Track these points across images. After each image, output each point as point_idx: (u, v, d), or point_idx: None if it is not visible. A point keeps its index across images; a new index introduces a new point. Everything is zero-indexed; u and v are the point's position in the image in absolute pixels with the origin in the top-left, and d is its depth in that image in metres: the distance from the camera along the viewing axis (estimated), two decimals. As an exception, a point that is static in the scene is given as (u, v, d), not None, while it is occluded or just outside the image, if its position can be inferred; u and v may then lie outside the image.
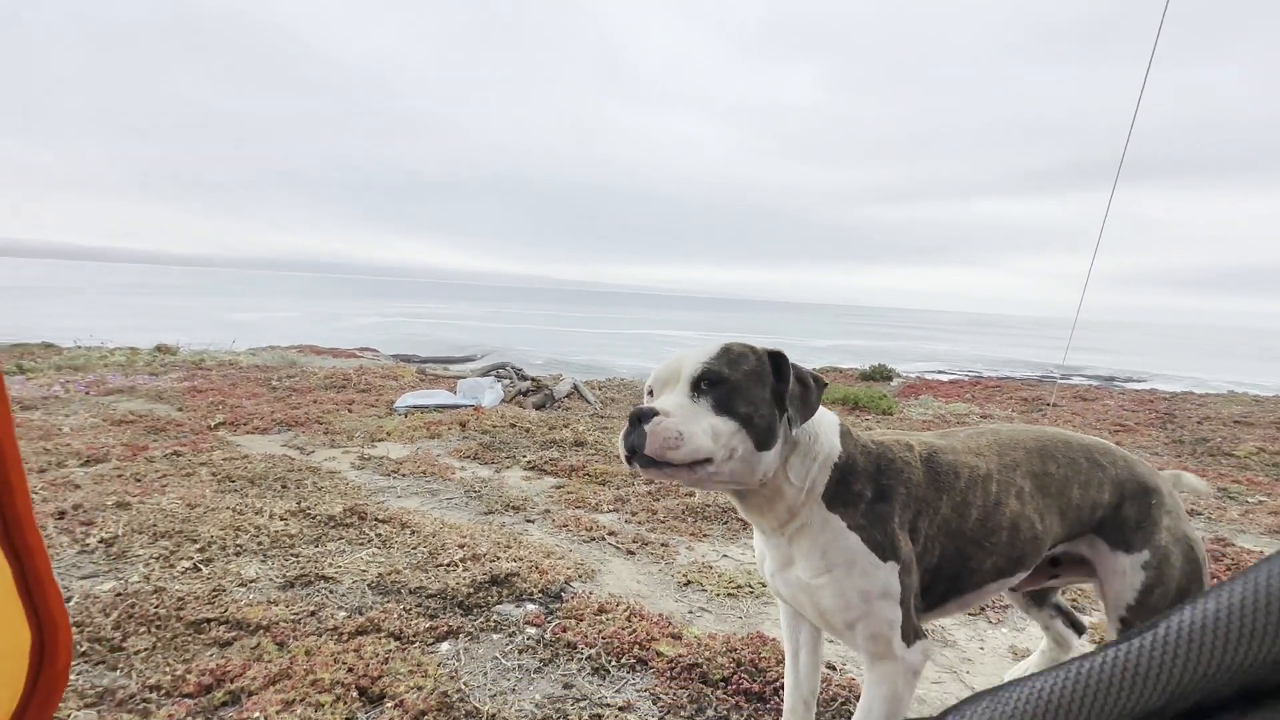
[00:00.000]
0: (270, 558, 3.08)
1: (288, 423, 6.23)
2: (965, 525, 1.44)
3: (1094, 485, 1.56)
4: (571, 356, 20.40)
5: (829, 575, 1.36)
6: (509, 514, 4.07)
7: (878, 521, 1.36)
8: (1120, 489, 1.57)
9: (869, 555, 1.34)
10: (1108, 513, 1.56)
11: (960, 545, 1.44)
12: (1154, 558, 1.53)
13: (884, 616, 1.34)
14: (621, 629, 2.52)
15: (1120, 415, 9.45)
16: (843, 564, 1.34)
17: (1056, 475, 1.54)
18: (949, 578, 1.46)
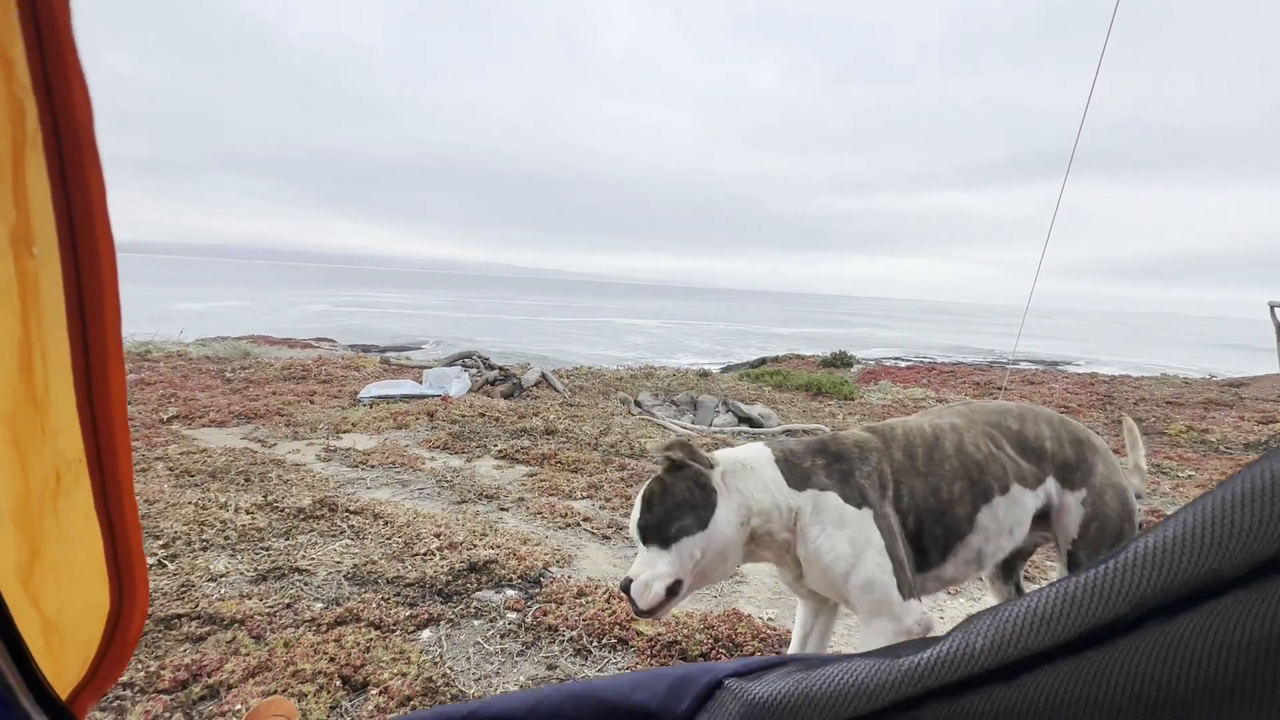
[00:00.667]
0: (239, 552, 3.01)
1: (246, 415, 6.04)
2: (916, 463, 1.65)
3: (1037, 436, 1.82)
4: (533, 346, 20.25)
5: (824, 533, 1.54)
6: (483, 503, 4.06)
7: (841, 479, 1.59)
8: (1059, 440, 1.84)
9: (846, 506, 1.55)
10: (1054, 457, 1.79)
11: (921, 480, 1.64)
12: (1090, 495, 1.79)
13: (873, 560, 1.50)
14: (601, 611, 2.57)
15: (1064, 397, 9.97)
16: (831, 520, 1.55)
17: (1013, 431, 1.79)
18: (933, 514, 1.62)
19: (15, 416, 0.31)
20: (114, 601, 0.40)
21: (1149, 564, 0.36)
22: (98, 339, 0.31)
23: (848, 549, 1.52)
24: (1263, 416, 8.27)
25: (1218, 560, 0.35)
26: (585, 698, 0.46)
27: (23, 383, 0.30)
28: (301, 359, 10.07)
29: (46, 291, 0.29)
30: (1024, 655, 0.38)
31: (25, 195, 0.28)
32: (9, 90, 0.26)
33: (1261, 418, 8.19)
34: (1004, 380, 11.37)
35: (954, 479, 1.65)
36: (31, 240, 0.28)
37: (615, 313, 49.38)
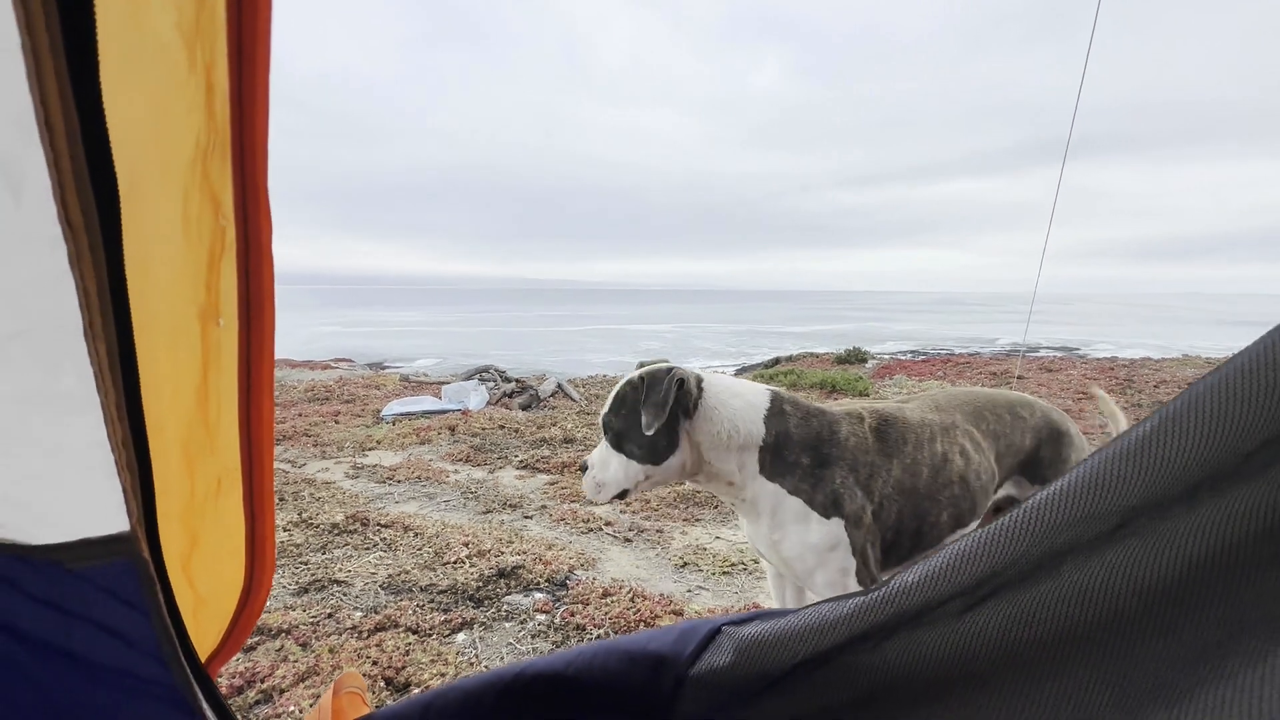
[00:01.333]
0: (281, 567, 3.16)
1: (276, 437, 6.25)
2: (918, 483, 1.62)
3: (1018, 433, 1.82)
4: (548, 357, 20.45)
5: (782, 531, 1.57)
6: (507, 512, 4.19)
7: (819, 484, 1.53)
8: (1038, 434, 1.84)
9: (814, 514, 1.53)
10: (1029, 455, 1.80)
11: (916, 502, 1.63)
12: None
13: (837, 564, 1.53)
14: (626, 609, 2.68)
15: (1082, 383, 9.90)
16: (792, 521, 1.55)
17: (989, 431, 1.78)
18: (911, 534, 1.64)
19: (189, 439, 0.42)
20: (247, 579, 0.51)
21: (1039, 510, 0.46)
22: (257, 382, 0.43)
23: (810, 554, 1.52)
24: (1287, 394, 8.17)
25: (1090, 505, 0.46)
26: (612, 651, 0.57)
27: (198, 413, 0.42)
28: (324, 380, 10.33)
29: (225, 350, 0.41)
30: (951, 591, 0.48)
31: (217, 286, 0.39)
32: (215, 219, 0.38)
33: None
34: (1018, 369, 11.31)
35: (946, 507, 1.65)
36: (218, 315, 0.40)
37: (627, 319, 49.60)
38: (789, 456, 1.55)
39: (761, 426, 1.57)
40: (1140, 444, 0.45)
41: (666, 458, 1.54)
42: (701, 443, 1.56)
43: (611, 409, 1.58)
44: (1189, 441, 0.44)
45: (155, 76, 0.33)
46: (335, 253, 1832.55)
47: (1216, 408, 0.43)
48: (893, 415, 1.68)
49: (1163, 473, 0.44)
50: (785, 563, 1.60)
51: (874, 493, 1.57)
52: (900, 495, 1.60)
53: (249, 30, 0.35)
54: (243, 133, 0.37)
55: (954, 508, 1.66)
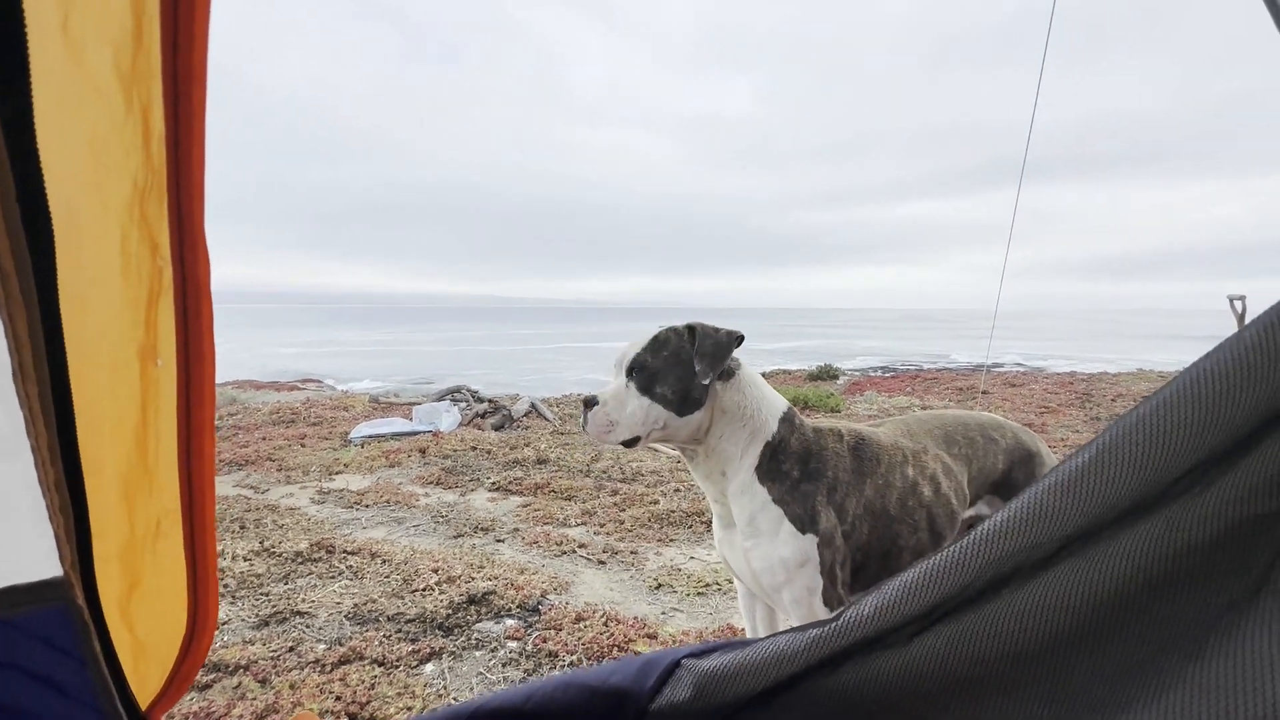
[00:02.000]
0: (239, 599, 3.05)
1: (237, 462, 6.05)
2: (888, 505, 1.64)
3: (990, 456, 1.84)
4: (524, 376, 20.30)
5: (755, 540, 1.57)
6: (478, 535, 4.12)
7: (801, 498, 1.54)
8: (1010, 456, 1.87)
9: (789, 527, 1.53)
10: (1002, 477, 1.84)
11: (886, 524, 1.63)
12: None
13: (804, 583, 1.53)
14: (600, 634, 2.64)
15: (1045, 398, 10.20)
16: (768, 532, 1.55)
17: (961, 455, 1.80)
18: (879, 556, 1.65)
19: (128, 480, 0.41)
20: (190, 623, 0.50)
21: (985, 541, 0.48)
22: (198, 422, 0.42)
23: (779, 568, 1.52)
24: (1234, 405, 8.54)
25: (1033, 536, 0.47)
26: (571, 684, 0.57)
27: (138, 454, 0.40)
28: (290, 402, 10.07)
29: (164, 390, 0.40)
30: (903, 619, 0.49)
31: (155, 325, 0.38)
32: (153, 260, 0.37)
33: (1233, 407, 8.45)
34: (982, 384, 11.60)
35: (915, 531, 1.66)
36: (157, 355, 0.39)
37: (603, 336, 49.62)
38: (784, 464, 1.57)
39: (775, 423, 1.60)
40: (1078, 474, 0.47)
41: (691, 412, 1.53)
42: (726, 411, 1.57)
43: (647, 348, 1.55)
44: (1122, 471, 0.46)
45: (93, 118, 0.32)
46: (305, 271, 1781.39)
47: (1146, 440, 0.45)
48: (867, 436, 1.70)
49: (1098, 501, 0.46)
50: (754, 575, 1.60)
51: (847, 512, 1.58)
52: (870, 517, 1.61)
53: (185, 74, 0.35)
54: (180, 175, 0.37)
55: (924, 532, 1.68)
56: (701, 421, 1.56)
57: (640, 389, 1.54)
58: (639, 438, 1.54)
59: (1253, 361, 0.38)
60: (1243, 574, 0.43)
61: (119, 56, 0.32)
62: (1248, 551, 0.43)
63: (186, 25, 0.34)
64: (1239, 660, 0.38)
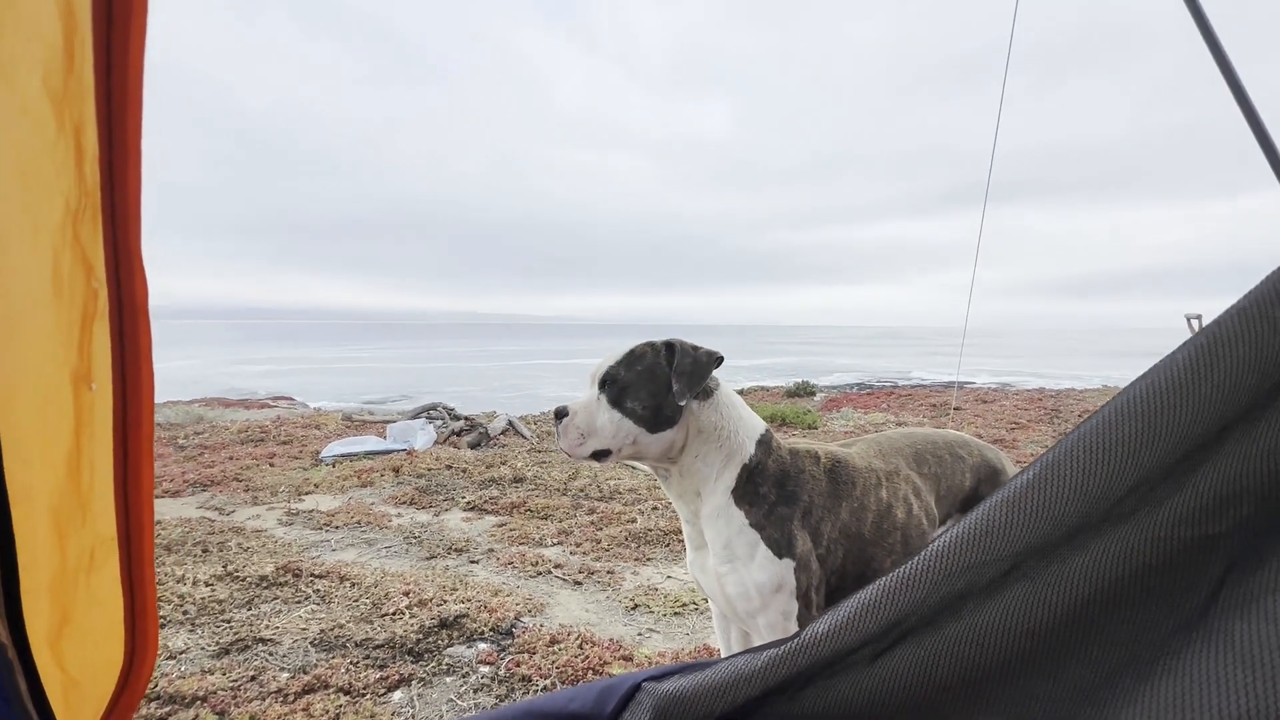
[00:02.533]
0: (199, 626, 2.93)
1: (202, 483, 5.87)
2: (863, 528, 1.63)
3: (958, 474, 1.86)
4: (503, 393, 20.10)
5: (730, 565, 1.54)
6: (452, 556, 4.04)
7: (778, 522, 1.52)
8: (977, 474, 1.89)
9: (766, 551, 1.51)
10: (969, 494, 1.86)
11: (861, 547, 1.62)
12: None
13: (780, 608, 1.51)
14: (574, 657, 2.59)
15: (1015, 414, 10.42)
16: (743, 557, 1.52)
17: (930, 474, 1.81)
18: (855, 579, 1.63)
19: (60, 509, 0.39)
20: (127, 657, 0.47)
21: (936, 557, 0.48)
22: (135, 448, 0.40)
23: (755, 593, 1.49)
24: (1194, 421, 8.81)
25: (982, 552, 0.48)
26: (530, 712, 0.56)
27: (70, 482, 0.39)
28: (259, 420, 9.82)
29: (99, 415, 0.38)
30: (859, 639, 0.49)
31: (90, 349, 0.37)
32: (87, 282, 0.36)
33: (1193, 422, 8.72)
34: (953, 401, 11.82)
35: (890, 554, 1.64)
36: (91, 379, 0.38)
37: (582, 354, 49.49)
38: (761, 487, 1.54)
39: (752, 446, 1.57)
40: (1023, 491, 0.47)
41: (664, 429, 1.51)
42: (702, 431, 1.55)
43: (622, 362, 1.53)
44: (1065, 488, 0.46)
45: (21, 139, 0.31)
46: (280, 287, 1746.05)
47: (1089, 456, 0.46)
48: (843, 458, 1.69)
49: (1044, 518, 0.47)
50: (728, 600, 1.58)
51: (823, 536, 1.56)
52: (846, 540, 1.60)
53: (119, 94, 0.34)
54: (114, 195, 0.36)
55: (898, 555, 1.67)
56: (675, 440, 1.54)
57: (611, 402, 1.52)
58: (609, 451, 1.52)
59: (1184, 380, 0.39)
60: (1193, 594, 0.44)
61: (49, 77, 0.32)
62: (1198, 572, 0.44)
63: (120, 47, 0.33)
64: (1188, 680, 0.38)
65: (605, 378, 1.54)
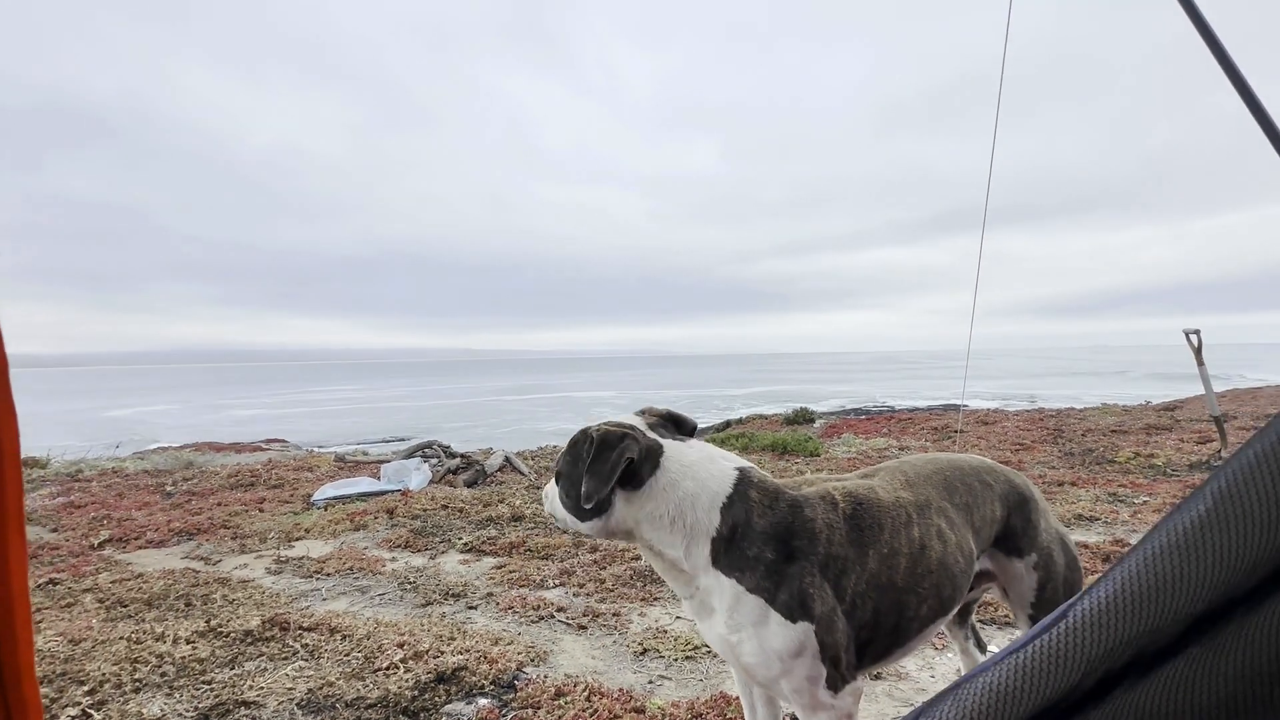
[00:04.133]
0: (178, 689, 2.73)
1: (188, 531, 5.64)
2: (896, 576, 1.47)
3: (988, 504, 1.70)
4: (500, 428, 19.85)
5: (740, 635, 1.38)
6: (449, 602, 3.84)
7: (784, 582, 1.35)
8: (1006, 502, 1.74)
9: (777, 617, 1.34)
10: (1001, 526, 1.72)
11: (895, 596, 1.47)
12: (1040, 558, 1.72)
13: (803, 673, 1.36)
14: (582, 711, 2.41)
15: (1018, 435, 10.30)
16: (751, 623, 1.36)
17: (962, 504, 1.65)
18: (889, 631, 1.48)
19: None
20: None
21: (1092, 626, 0.37)
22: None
23: (774, 660, 1.35)
24: (1199, 437, 8.71)
25: (1154, 617, 0.36)
26: None
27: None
28: (250, 464, 9.59)
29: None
30: None
31: None
32: None
33: (1199, 438, 8.62)
34: (959, 423, 11.69)
35: (927, 598, 1.50)
36: None
37: (577, 386, 49.31)
38: (749, 550, 1.38)
39: (716, 516, 1.40)
40: (1196, 533, 0.36)
41: (592, 518, 1.45)
42: (639, 521, 1.43)
43: (565, 451, 1.52)
44: (1253, 526, 0.35)
45: None
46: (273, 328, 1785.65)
47: None
48: (865, 498, 1.53)
49: (1228, 567, 0.35)
50: (745, 668, 1.43)
51: (846, 590, 1.41)
52: (876, 591, 1.44)
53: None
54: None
55: (935, 597, 1.52)
56: (612, 526, 1.45)
57: (558, 486, 1.55)
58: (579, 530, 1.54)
59: None
60: None
61: None
62: None
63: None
64: None
65: (556, 468, 1.56)
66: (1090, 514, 5.14)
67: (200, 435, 16.63)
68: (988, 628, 3.23)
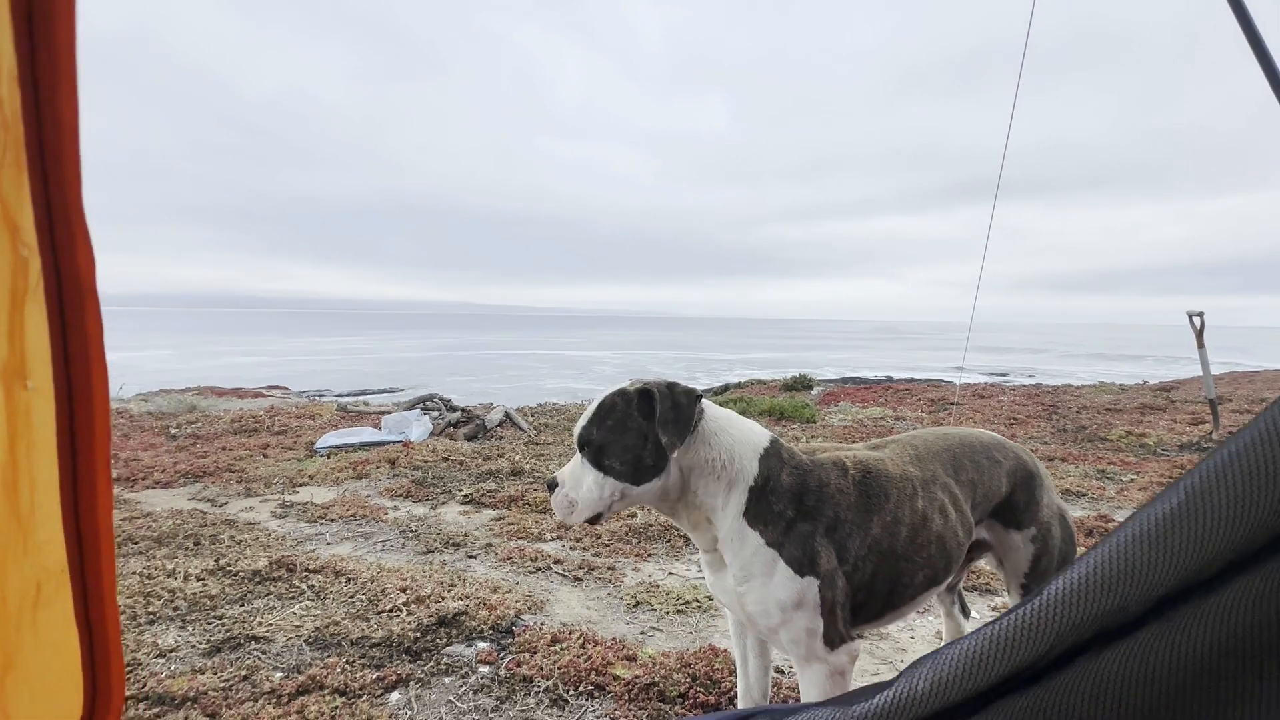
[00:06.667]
0: (190, 622, 2.85)
1: (194, 474, 5.77)
2: (896, 543, 1.54)
3: (994, 480, 1.76)
4: (500, 384, 19.98)
5: (749, 584, 1.47)
6: (449, 551, 3.96)
7: (797, 539, 1.44)
8: (1012, 478, 1.80)
9: (786, 570, 1.43)
10: (1004, 499, 1.78)
11: (892, 562, 1.54)
12: (1039, 532, 1.79)
13: (802, 625, 1.44)
14: (576, 657, 2.53)
15: (1013, 409, 10.39)
16: (761, 575, 1.45)
17: (968, 480, 1.72)
18: (884, 594, 1.56)
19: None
20: (87, 706, 0.40)
21: (1062, 603, 0.40)
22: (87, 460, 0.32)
23: (775, 610, 1.43)
24: (1193, 418, 8.80)
25: (1120, 598, 0.40)
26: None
27: (6, 503, 0.31)
28: (253, 409, 9.71)
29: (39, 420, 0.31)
30: (964, 696, 0.41)
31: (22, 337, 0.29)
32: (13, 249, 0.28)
33: (1192, 419, 8.71)
34: (955, 396, 11.78)
35: (922, 567, 1.57)
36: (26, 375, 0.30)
37: (578, 345, 49.37)
38: (775, 505, 1.46)
39: (755, 465, 1.48)
40: (1168, 525, 0.40)
41: (650, 479, 1.44)
42: (693, 468, 1.47)
43: (593, 419, 1.47)
44: (1218, 521, 0.39)
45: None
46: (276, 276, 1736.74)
47: (1245, 480, 0.38)
48: (874, 468, 1.59)
49: (1193, 556, 0.39)
50: (749, 617, 1.51)
51: (849, 552, 1.49)
52: (876, 556, 1.52)
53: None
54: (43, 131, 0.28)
55: (930, 568, 1.60)
56: (666, 485, 1.47)
57: (592, 463, 1.46)
58: (601, 514, 1.48)
59: None
60: None
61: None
62: None
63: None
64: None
65: (580, 439, 1.49)
66: (1078, 489, 5.25)
67: (202, 380, 16.73)
68: (969, 594, 3.34)
